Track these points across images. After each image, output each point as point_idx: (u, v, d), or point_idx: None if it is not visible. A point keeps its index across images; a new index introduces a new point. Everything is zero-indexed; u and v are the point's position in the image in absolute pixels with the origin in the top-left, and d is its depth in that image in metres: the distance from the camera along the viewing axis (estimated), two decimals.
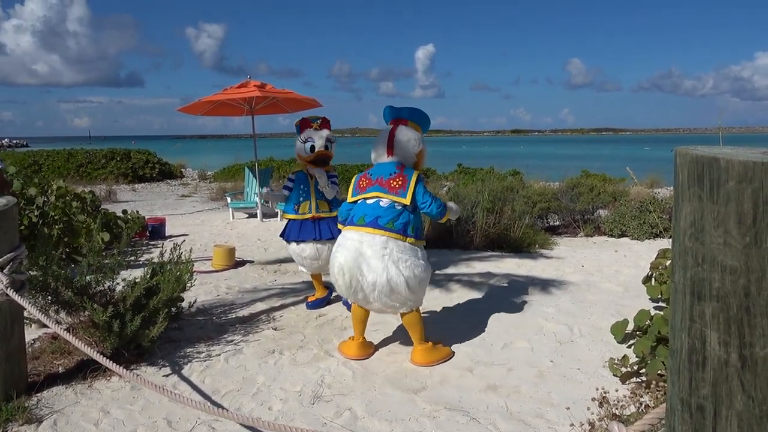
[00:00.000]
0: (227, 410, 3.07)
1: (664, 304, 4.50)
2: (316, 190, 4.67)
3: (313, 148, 4.59)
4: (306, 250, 4.65)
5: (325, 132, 4.64)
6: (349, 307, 4.78)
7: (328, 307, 4.92)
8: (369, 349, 3.87)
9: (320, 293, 4.97)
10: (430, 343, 3.77)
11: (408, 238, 3.54)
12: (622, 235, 8.17)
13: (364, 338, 3.86)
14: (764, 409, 0.94)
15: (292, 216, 4.71)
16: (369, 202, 3.63)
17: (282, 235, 4.83)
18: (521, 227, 7.56)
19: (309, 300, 4.96)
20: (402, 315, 3.69)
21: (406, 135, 3.78)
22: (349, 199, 3.77)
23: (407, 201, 3.57)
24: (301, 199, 4.69)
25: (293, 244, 4.72)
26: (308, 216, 4.63)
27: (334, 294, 5.09)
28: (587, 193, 8.97)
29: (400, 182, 3.61)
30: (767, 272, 0.90)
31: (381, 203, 3.58)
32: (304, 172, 4.74)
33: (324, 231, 4.59)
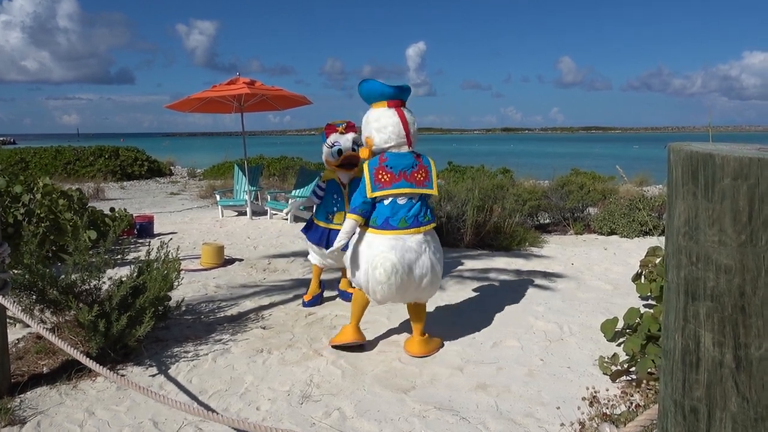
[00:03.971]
0: (214, 412, 3.04)
1: (653, 302, 4.51)
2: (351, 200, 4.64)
3: (340, 151, 4.56)
4: (334, 253, 4.63)
5: (350, 135, 4.60)
6: (348, 298, 4.77)
7: (317, 306, 4.89)
8: (363, 336, 3.88)
9: (316, 290, 4.95)
10: (426, 335, 3.84)
11: (433, 223, 3.67)
12: (612, 233, 8.19)
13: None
14: (759, 411, 0.92)
15: (323, 224, 4.70)
16: (401, 201, 3.56)
17: (305, 233, 4.80)
18: (511, 225, 7.56)
19: (305, 299, 4.91)
20: (416, 304, 3.77)
21: (413, 121, 3.66)
22: (370, 194, 3.57)
23: (435, 191, 3.62)
24: (335, 209, 4.67)
25: (317, 247, 4.70)
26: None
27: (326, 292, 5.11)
28: (577, 191, 8.98)
29: (423, 174, 3.61)
30: (762, 271, 0.88)
31: (413, 200, 3.58)
32: (336, 181, 4.72)
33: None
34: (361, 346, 3.88)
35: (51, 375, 3.41)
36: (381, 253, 3.49)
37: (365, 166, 3.66)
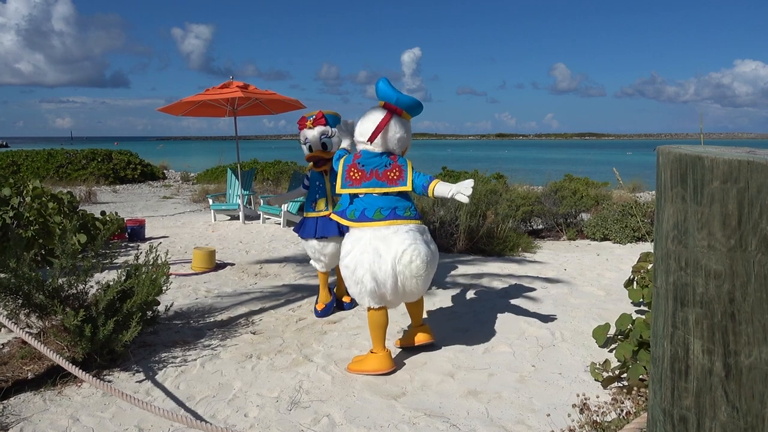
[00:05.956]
0: (201, 419, 2.99)
1: (645, 308, 4.49)
2: (332, 187, 4.53)
3: (310, 148, 4.47)
4: (328, 246, 4.52)
5: (318, 129, 4.42)
6: (319, 315, 4.68)
7: (307, 311, 4.85)
8: (394, 363, 3.64)
9: (327, 297, 4.82)
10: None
11: (417, 220, 3.61)
12: (605, 238, 8.19)
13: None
14: (749, 420, 0.90)
15: (311, 214, 4.59)
16: (376, 194, 3.57)
17: (297, 231, 4.69)
18: (504, 231, 7.54)
19: (318, 308, 4.73)
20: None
21: (398, 131, 3.61)
22: (339, 189, 3.64)
23: (409, 187, 3.57)
24: (317, 196, 4.57)
25: (313, 241, 4.54)
26: (326, 213, 4.50)
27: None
28: (570, 196, 8.99)
29: (397, 173, 3.58)
30: (752, 277, 0.86)
31: (390, 194, 3.57)
32: (317, 171, 4.60)
33: (344, 227, 4.53)
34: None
35: (36, 380, 3.36)
36: (376, 257, 3.38)
37: (341, 162, 3.71)
